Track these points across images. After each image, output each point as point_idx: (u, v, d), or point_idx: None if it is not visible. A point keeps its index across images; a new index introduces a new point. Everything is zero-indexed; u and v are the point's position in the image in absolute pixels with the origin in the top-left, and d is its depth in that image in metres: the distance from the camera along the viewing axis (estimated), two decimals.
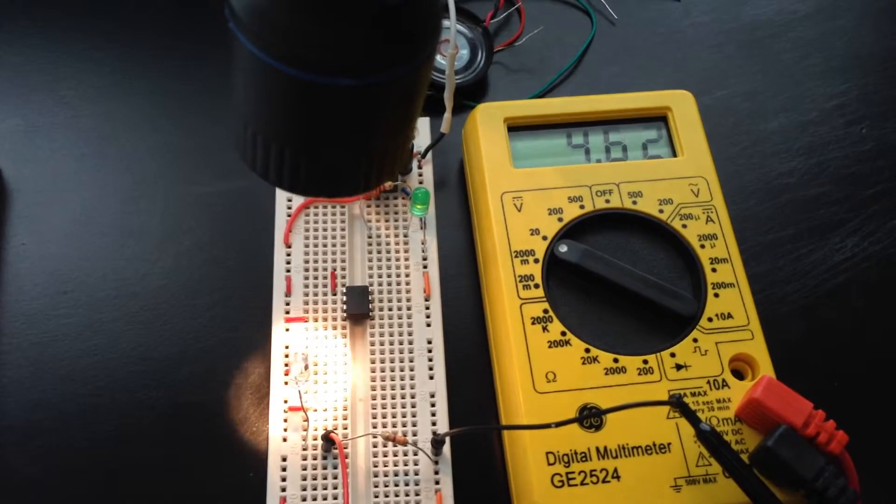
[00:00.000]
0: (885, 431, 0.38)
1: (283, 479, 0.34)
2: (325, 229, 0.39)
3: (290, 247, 0.39)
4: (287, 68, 0.21)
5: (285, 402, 0.36)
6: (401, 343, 0.37)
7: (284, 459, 0.35)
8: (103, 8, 0.46)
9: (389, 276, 0.39)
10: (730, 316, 0.36)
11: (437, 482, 0.35)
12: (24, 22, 0.45)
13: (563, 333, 0.35)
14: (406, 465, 0.35)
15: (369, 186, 0.25)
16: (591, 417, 0.33)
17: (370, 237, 0.39)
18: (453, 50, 0.39)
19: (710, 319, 0.36)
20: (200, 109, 0.43)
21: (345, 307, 0.37)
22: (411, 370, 0.37)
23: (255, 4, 0.21)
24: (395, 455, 0.35)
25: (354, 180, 0.25)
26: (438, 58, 0.44)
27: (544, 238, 0.37)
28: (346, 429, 0.35)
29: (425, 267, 0.39)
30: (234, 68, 0.23)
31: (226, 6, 0.22)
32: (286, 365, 0.36)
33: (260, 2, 0.21)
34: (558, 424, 0.31)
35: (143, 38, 0.45)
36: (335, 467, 0.34)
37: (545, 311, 0.36)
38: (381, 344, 0.37)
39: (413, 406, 0.36)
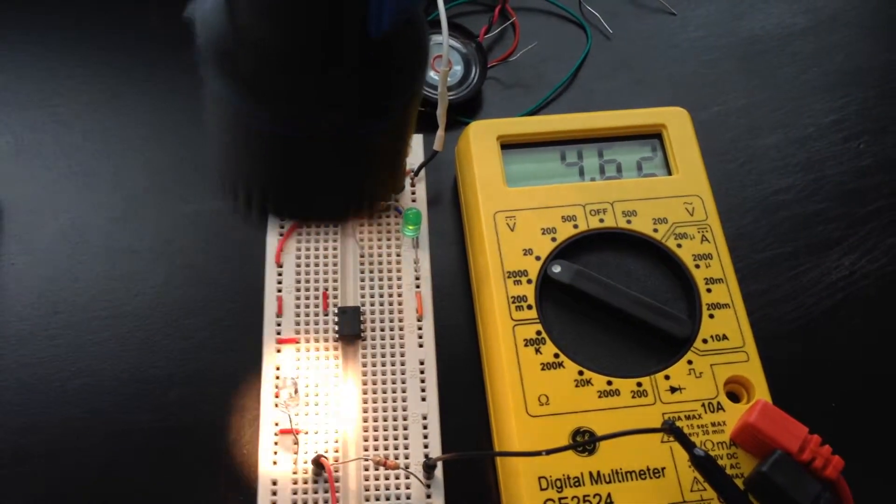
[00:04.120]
0: (882, 455, 0.37)
1: None
2: (316, 249, 0.39)
3: (281, 266, 0.39)
4: (264, 118, 0.20)
5: (276, 424, 0.35)
6: (393, 364, 0.37)
7: (275, 483, 0.34)
8: (94, 24, 0.46)
9: (382, 296, 0.38)
10: (725, 337, 0.36)
11: None
12: (15, 39, 0.45)
13: (557, 355, 0.35)
14: (398, 488, 0.34)
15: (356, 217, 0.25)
16: (582, 446, 0.33)
17: (362, 257, 0.39)
18: (446, 67, 0.39)
19: (704, 341, 0.36)
20: (192, 127, 0.43)
21: (336, 328, 0.37)
22: (403, 392, 0.36)
23: (225, 48, 0.20)
24: (387, 479, 0.35)
25: (340, 216, 0.24)
26: (432, 74, 0.44)
27: (537, 258, 0.37)
28: (337, 452, 0.35)
29: (418, 287, 0.39)
30: (205, 111, 0.22)
31: (196, 49, 0.21)
32: (277, 387, 0.36)
33: (230, 46, 0.20)
34: (549, 452, 0.31)
35: (134, 55, 0.45)
36: (326, 491, 0.34)
37: (538, 332, 0.35)
38: (374, 365, 0.37)
39: (405, 428, 0.36)
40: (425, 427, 0.36)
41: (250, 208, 0.24)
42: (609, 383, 0.35)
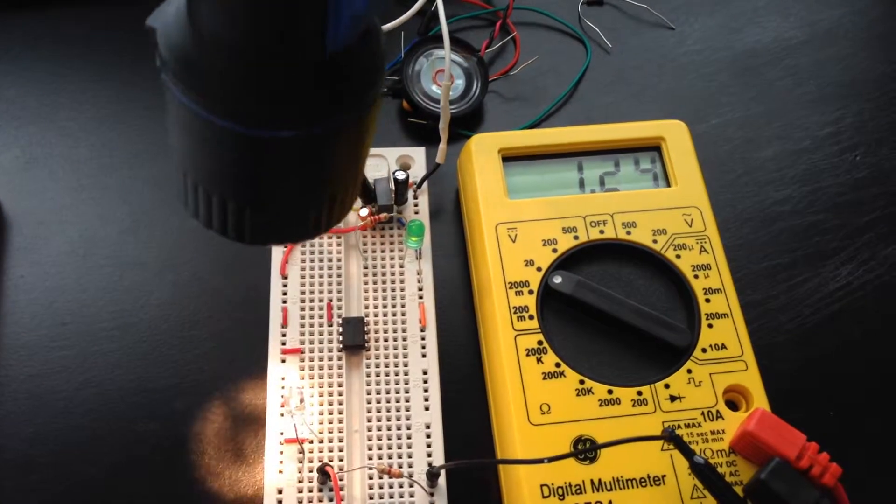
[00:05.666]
0: (879, 463, 0.38)
1: None
2: (321, 260, 0.39)
3: (286, 278, 0.39)
4: (225, 122, 0.20)
5: (281, 433, 0.36)
6: (396, 374, 0.37)
7: (280, 492, 0.35)
8: (101, 40, 0.47)
9: (385, 306, 0.39)
10: (724, 347, 0.36)
11: None
12: (23, 53, 0.46)
13: (558, 365, 0.35)
14: (402, 497, 0.35)
15: (319, 232, 0.25)
16: (584, 454, 0.33)
17: (366, 268, 0.40)
18: (448, 81, 0.40)
19: (703, 350, 0.36)
20: None
21: (340, 338, 0.38)
22: (407, 401, 0.37)
23: (187, 55, 0.20)
24: (391, 487, 0.35)
25: (303, 228, 0.24)
26: (434, 87, 0.45)
27: (538, 269, 0.37)
28: (341, 461, 0.35)
29: (421, 297, 0.39)
30: (168, 118, 0.22)
31: (157, 57, 0.21)
32: (282, 397, 0.36)
33: (191, 52, 0.20)
34: (551, 460, 0.31)
35: (140, 70, 0.46)
36: (331, 500, 0.35)
37: (539, 342, 0.36)
38: (377, 375, 0.37)
39: (408, 437, 0.36)
40: (428, 436, 0.36)
41: (211, 215, 0.24)
42: (610, 392, 0.35)
